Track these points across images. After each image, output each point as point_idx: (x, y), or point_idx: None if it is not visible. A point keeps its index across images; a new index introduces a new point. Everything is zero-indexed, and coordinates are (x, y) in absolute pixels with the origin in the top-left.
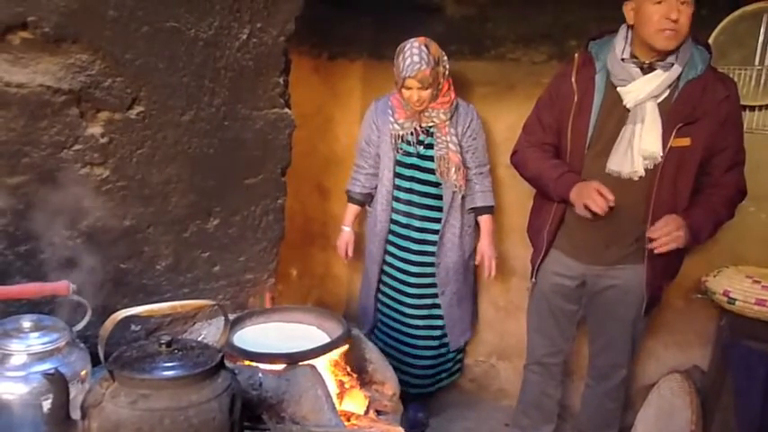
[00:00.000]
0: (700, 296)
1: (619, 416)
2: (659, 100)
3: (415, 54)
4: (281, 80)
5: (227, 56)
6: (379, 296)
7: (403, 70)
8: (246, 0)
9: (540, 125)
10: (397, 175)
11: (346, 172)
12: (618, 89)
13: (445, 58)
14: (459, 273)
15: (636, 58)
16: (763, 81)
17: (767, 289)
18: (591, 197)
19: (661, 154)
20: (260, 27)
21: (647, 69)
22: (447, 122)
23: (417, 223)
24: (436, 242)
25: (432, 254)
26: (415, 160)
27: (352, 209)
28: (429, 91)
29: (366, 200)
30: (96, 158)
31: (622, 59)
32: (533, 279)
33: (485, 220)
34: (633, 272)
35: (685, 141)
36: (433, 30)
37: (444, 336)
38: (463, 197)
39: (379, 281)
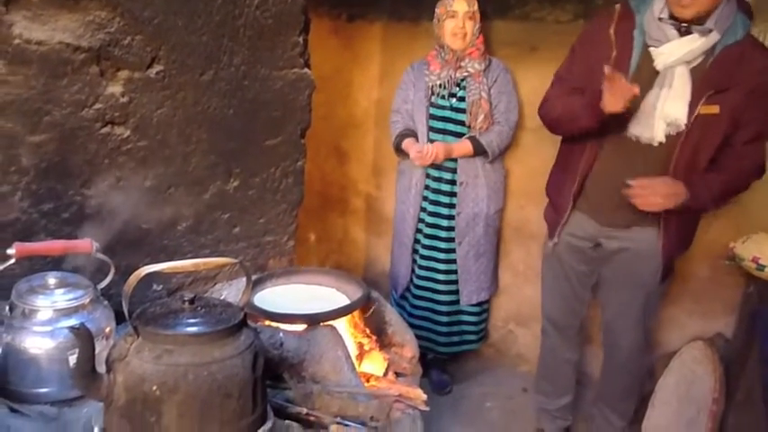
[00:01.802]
0: (728, 263)
1: (638, 387)
2: (692, 65)
3: None
4: (300, 39)
5: (246, 14)
6: (415, 256)
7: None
8: None
9: (572, 75)
10: (430, 128)
11: (365, 136)
12: (650, 49)
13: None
14: (479, 226)
15: (674, 18)
16: None
17: None
18: (608, 96)
19: (685, 121)
20: None
21: (684, 31)
22: (481, 72)
23: (448, 176)
24: None
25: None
26: (448, 113)
27: (409, 140)
28: (472, 23)
29: (413, 133)
30: (117, 118)
31: (659, 18)
32: (555, 239)
33: (467, 144)
34: (647, 235)
35: (714, 109)
36: None
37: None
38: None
39: (415, 240)
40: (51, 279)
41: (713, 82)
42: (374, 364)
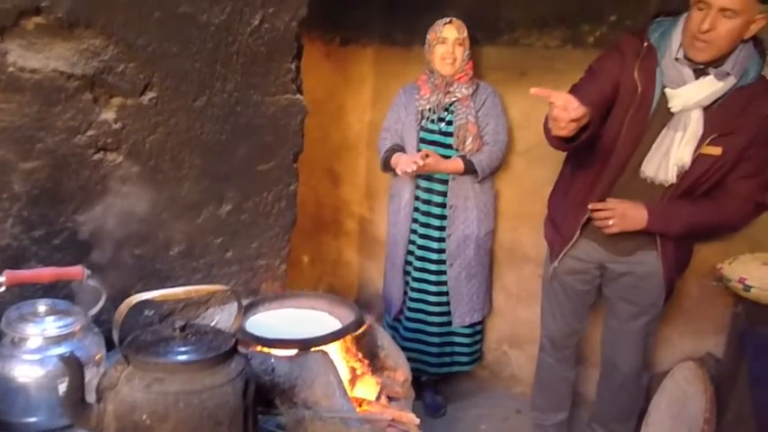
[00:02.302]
0: (715, 283)
1: (637, 410)
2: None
3: (445, 17)
4: (293, 66)
5: (239, 41)
6: (407, 278)
7: (437, 24)
8: None
9: (579, 94)
10: (419, 151)
11: (358, 158)
12: (666, 90)
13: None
14: (470, 248)
15: (689, 59)
16: None
17: None
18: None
19: (690, 161)
20: (272, 12)
21: (700, 73)
22: (469, 96)
23: (439, 198)
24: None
25: (444, 228)
26: (437, 137)
27: (397, 154)
28: (461, 50)
29: (401, 149)
30: (110, 144)
31: (676, 59)
32: (556, 263)
33: (458, 162)
34: (649, 258)
35: (716, 150)
36: (445, 14)
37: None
38: (476, 174)
39: (406, 262)
40: (41, 306)
41: (718, 124)
42: (366, 388)
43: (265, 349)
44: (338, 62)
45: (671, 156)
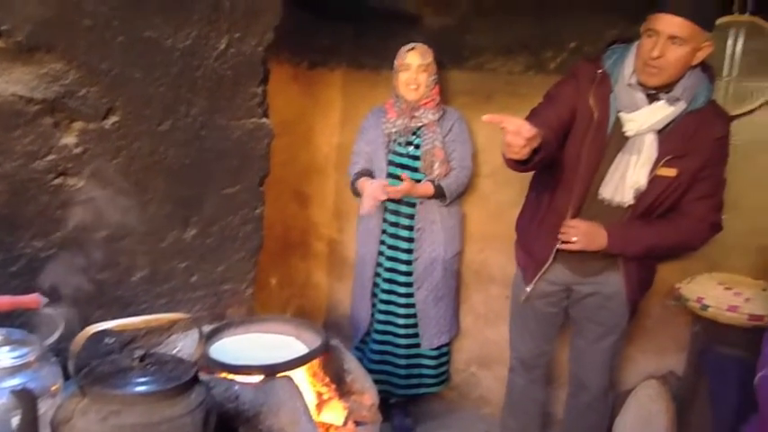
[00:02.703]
0: (674, 303)
1: (605, 429)
2: (661, 133)
3: (411, 42)
4: (259, 90)
5: (204, 66)
6: (375, 300)
7: (402, 50)
8: (225, 10)
9: (537, 119)
10: (389, 175)
11: (327, 180)
12: (620, 114)
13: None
14: (438, 271)
15: (642, 84)
16: (731, 92)
17: (739, 295)
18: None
19: (645, 183)
20: (238, 37)
21: (652, 97)
22: (435, 122)
23: (406, 221)
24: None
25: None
26: (405, 160)
27: (364, 179)
28: (425, 76)
29: (370, 174)
30: (70, 169)
31: (629, 84)
32: (531, 286)
33: (428, 186)
34: (614, 279)
35: (671, 172)
36: (413, 39)
37: None
38: (444, 198)
39: (374, 284)
40: None
41: (672, 148)
42: (334, 413)
43: (230, 376)
44: (307, 85)
45: (627, 178)
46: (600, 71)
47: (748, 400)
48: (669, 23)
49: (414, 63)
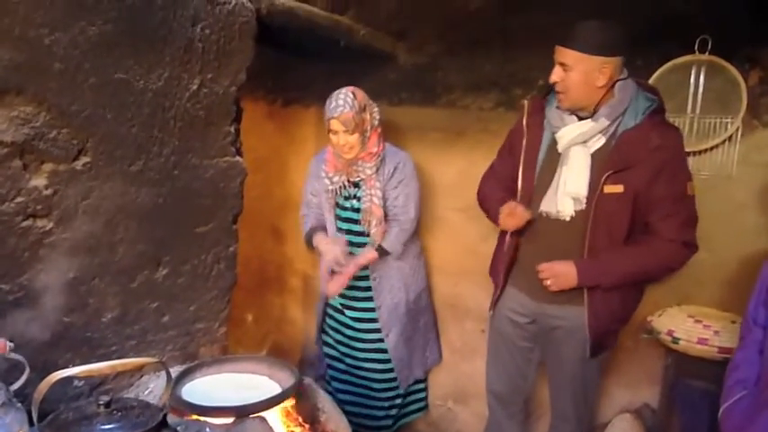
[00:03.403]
0: (646, 336)
1: None
2: (594, 148)
3: (340, 98)
4: (232, 129)
5: (176, 106)
6: (325, 338)
7: (327, 111)
8: (197, 51)
9: (501, 161)
10: (338, 229)
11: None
12: (554, 134)
13: (375, 108)
14: (403, 314)
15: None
16: (695, 128)
17: (708, 328)
18: (503, 218)
19: (585, 195)
20: (211, 77)
21: (582, 117)
22: (373, 176)
23: (361, 272)
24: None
25: (371, 299)
26: (350, 214)
27: (320, 236)
28: (356, 136)
29: (323, 228)
30: (39, 210)
31: (557, 107)
32: (491, 311)
33: (372, 252)
34: (577, 312)
35: (618, 188)
36: (386, 77)
37: None
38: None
39: (323, 327)
40: None
41: (612, 162)
42: None
43: (201, 417)
44: (281, 122)
45: (559, 189)
46: (526, 101)
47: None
48: (558, 53)
49: (339, 129)
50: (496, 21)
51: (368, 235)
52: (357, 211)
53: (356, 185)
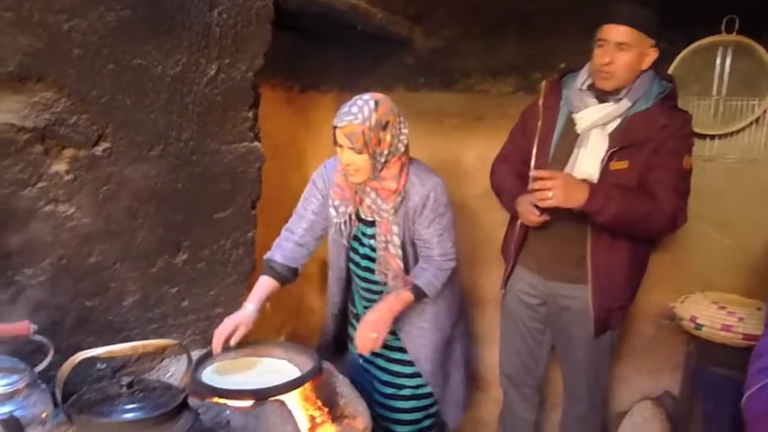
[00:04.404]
0: (667, 322)
1: None
2: (610, 129)
3: (356, 105)
4: (250, 114)
5: (195, 91)
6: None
7: (335, 117)
8: (215, 36)
9: (513, 144)
10: (347, 274)
11: None
12: (572, 115)
13: (404, 129)
14: (442, 353)
15: (594, 89)
16: (720, 111)
17: (732, 315)
18: (525, 209)
19: (597, 176)
20: (228, 63)
21: (602, 100)
22: (389, 219)
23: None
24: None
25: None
26: (367, 251)
27: (266, 283)
28: (364, 158)
29: (290, 276)
30: (61, 195)
31: (580, 89)
32: (503, 290)
33: (407, 293)
34: (585, 293)
35: (623, 164)
36: (403, 62)
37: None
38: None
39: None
40: None
41: (618, 140)
42: None
43: (221, 400)
44: (298, 108)
45: (575, 170)
46: (544, 82)
47: (741, 420)
48: (615, 32)
49: (344, 144)
50: (515, 4)
51: (385, 284)
52: (375, 250)
53: (372, 224)
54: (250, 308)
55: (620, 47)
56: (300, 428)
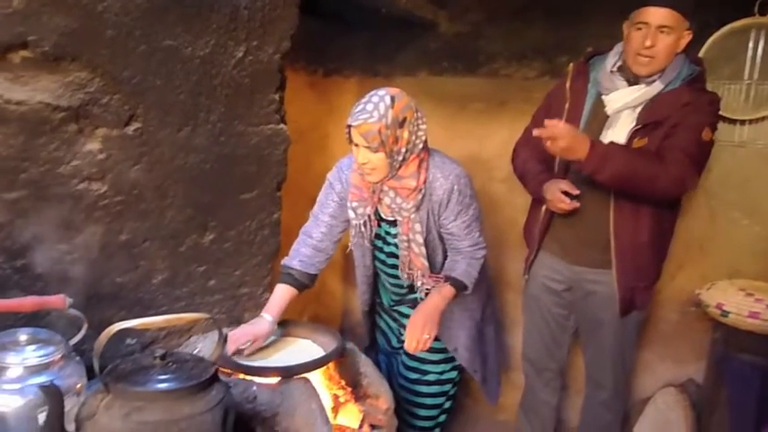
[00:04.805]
0: (694, 309)
1: (618, 429)
2: (639, 110)
3: (371, 102)
4: (276, 96)
5: (222, 73)
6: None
7: (349, 115)
8: (242, 19)
9: (535, 125)
10: (375, 274)
11: None
12: (602, 97)
13: (422, 125)
14: (478, 339)
15: (624, 71)
16: (752, 95)
17: (760, 302)
18: (554, 196)
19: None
20: (256, 45)
21: (633, 83)
22: (410, 218)
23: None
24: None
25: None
26: (393, 249)
27: (284, 292)
28: (380, 156)
29: (308, 283)
30: (94, 174)
31: (611, 71)
32: (526, 275)
33: (449, 288)
34: (611, 277)
35: (643, 141)
36: (427, 46)
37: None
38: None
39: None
40: (22, 335)
41: (641, 118)
42: (349, 416)
43: (248, 377)
44: (322, 92)
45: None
46: (572, 64)
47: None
48: (658, 15)
49: (360, 143)
50: None
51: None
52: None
53: (392, 222)
54: (268, 320)
55: (662, 29)
56: (324, 406)
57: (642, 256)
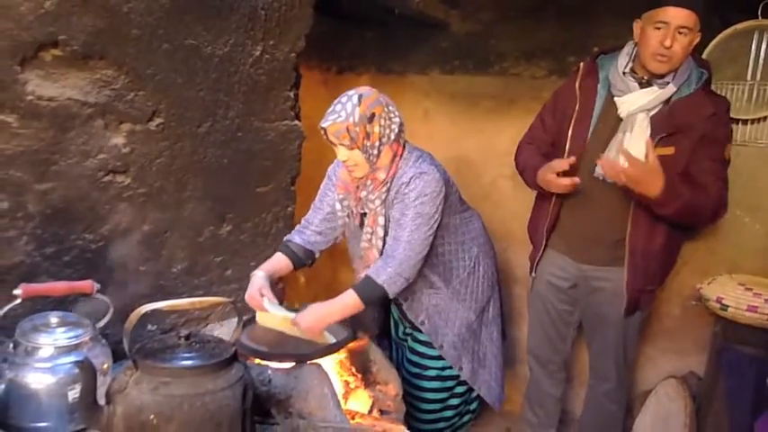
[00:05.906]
0: (695, 303)
1: (621, 419)
2: (652, 113)
3: (339, 103)
4: (291, 94)
5: (240, 71)
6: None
7: (327, 113)
8: (260, 19)
9: (542, 125)
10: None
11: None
12: (615, 99)
13: (394, 117)
14: (469, 339)
15: (636, 73)
16: (755, 95)
17: (758, 296)
18: (551, 179)
19: (643, 161)
20: (272, 44)
21: (644, 84)
22: (376, 210)
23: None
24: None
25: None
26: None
27: (278, 257)
28: (357, 153)
29: (304, 258)
30: (119, 167)
31: (623, 73)
32: (533, 274)
33: (351, 295)
34: (619, 275)
35: (669, 150)
36: (439, 45)
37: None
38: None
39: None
40: (53, 318)
41: (666, 126)
42: (359, 401)
43: (263, 362)
44: (335, 90)
45: (620, 154)
46: (582, 63)
47: (764, 397)
48: (677, 15)
49: (335, 141)
50: None
51: None
52: None
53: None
54: (259, 275)
55: (680, 30)
56: (336, 391)
57: (654, 262)
